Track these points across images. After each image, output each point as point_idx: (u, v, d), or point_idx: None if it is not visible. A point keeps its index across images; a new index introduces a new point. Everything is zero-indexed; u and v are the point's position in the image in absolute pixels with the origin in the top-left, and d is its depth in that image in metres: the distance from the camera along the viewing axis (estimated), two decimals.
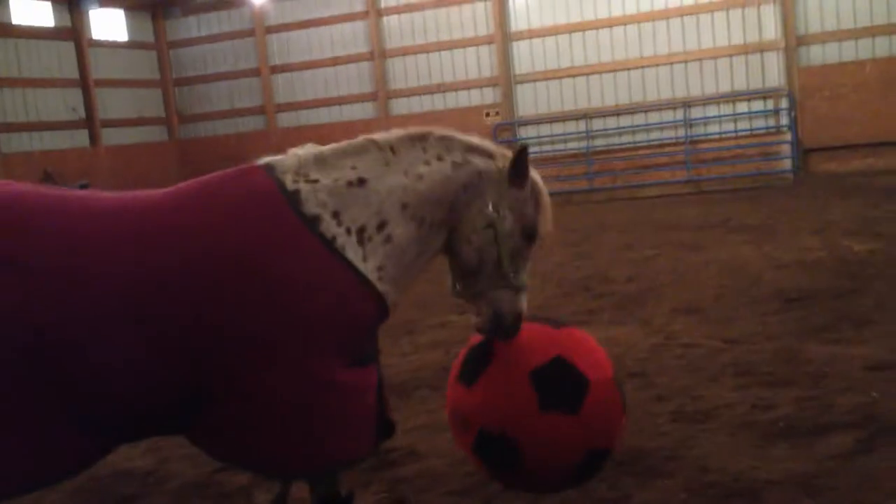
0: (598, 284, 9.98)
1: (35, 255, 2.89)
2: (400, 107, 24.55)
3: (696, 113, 21.82)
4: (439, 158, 3.46)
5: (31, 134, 22.08)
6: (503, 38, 23.14)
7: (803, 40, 20.82)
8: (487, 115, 23.47)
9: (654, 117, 22.14)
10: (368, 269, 3.21)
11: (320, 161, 3.32)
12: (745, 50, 21.28)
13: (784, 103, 21.02)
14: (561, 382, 3.56)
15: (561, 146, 23.05)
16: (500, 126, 23.22)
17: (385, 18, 24.43)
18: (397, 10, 24.21)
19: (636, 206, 19.10)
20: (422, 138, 3.49)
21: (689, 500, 4.28)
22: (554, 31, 22.78)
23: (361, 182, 3.30)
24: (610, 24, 22.22)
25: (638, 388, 5.98)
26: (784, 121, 21.18)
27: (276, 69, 25.79)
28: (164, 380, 2.99)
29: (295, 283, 3.04)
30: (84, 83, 23.61)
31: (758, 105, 21.44)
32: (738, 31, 21.32)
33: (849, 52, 20.57)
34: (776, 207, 15.58)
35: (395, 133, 3.53)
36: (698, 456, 4.77)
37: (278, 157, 3.34)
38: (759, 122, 21.56)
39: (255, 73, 25.98)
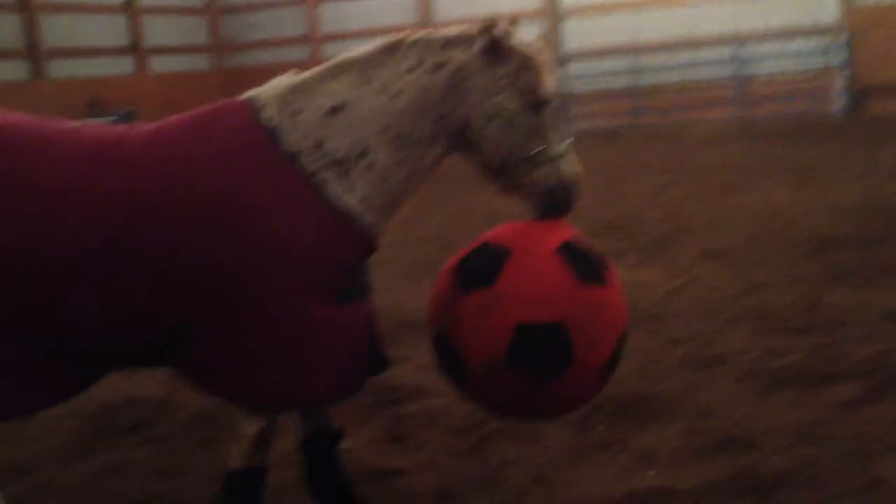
0: (628, 225, 9.86)
1: (14, 182, 2.91)
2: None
3: (748, 50, 21.23)
4: (416, 66, 3.28)
5: (76, 60, 22.26)
6: None
7: None
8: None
9: (704, 54, 21.60)
10: (352, 201, 3.15)
11: (302, 88, 3.22)
12: None
13: (840, 41, 20.36)
14: (544, 350, 3.18)
15: (609, 81, 22.62)
16: None
17: None
18: None
19: (682, 144, 18.74)
20: (395, 48, 3.30)
21: (686, 444, 4.26)
22: None
23: (342, 107, 3.20)
24: None
25: (651, 331, 5.93)
26: (839, 59, 20.54)
27: None
28: (143, 313, 3.02)
29: (272, 221, 3.03)
30: (131, 10, 23.66)
31: (812, 42, 20.79)
32: None
33: None
34: (823, 149, 15.19)
35: (372, 46, 3.34)
36: (702, 401, 4.74)
37: (262, 89, 3.25)
38: (813, 61, 20.93)
39: (301, 1, 25.83)
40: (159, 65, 24.64)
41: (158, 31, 24.66)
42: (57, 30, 21.69)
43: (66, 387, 3.14)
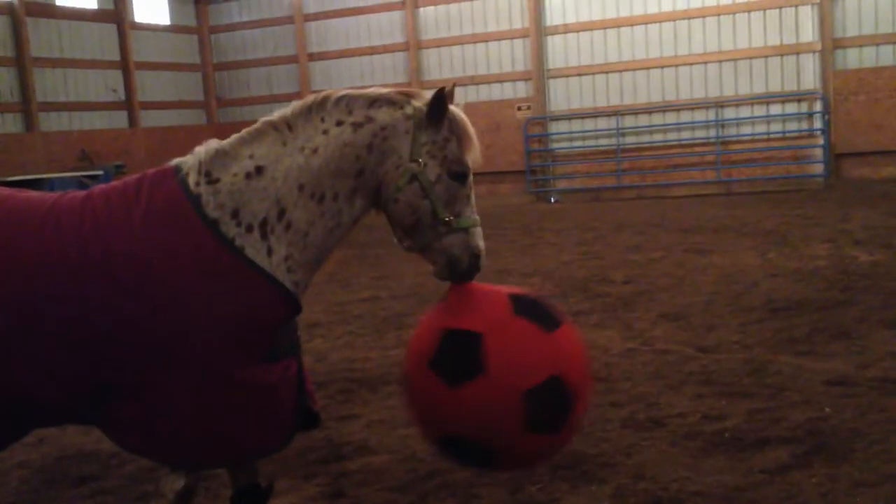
0: (595, 285, 10.04)
1: None
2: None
3: (729, 114, 21.66)
4: (338, 123, 3.37)
5: (70, 113, 22.61)
6: (538, 32, 23.16)
7: (840, 43, 20.55)
8: (519, 108, 23.51)
9: (685, 116, 22.02)
10: (274, 262, 3.26)
11: (221, 155, 3.33)
12: (781, 51, 21.08)
13: (818, 106, 20.79)
14: (552, 402, 3.31)
15: (592, 142, 23.02)
16: (531, 120, 23.25)
17: (421, 9, 24.58)
18: (434, 2, 24.37)
19: (662, 205, 19.04)
20: (320, 105, 3.40)
21: None
22: (589, 27, 22.75)
23: (259, 171, 3.29)
24: (645, 21, 22.14)
25: (598, 393, 6.03)
26: (817, 124, 20.94)
27: (313, 56, 26.10)
28: (67, 377, 3.14)
29: (196, 286, 3.14)
30: (125, 65, 24.10)
31: (791, 107, 21.23)
32: (774, 31, 21.11)
33: (886, 56, 20.27)
34: (797, 213, 15.47)
35: (294, 106, 3.44)
36: (635, 464, 4.86)
37: (185, 158, 3.38)
38: (792, 125, 21.34)
39: (294, 59, 26.32)
40: (153, 119, 25.00)
41: (153, 85, 25.07)
42: (50, 84, 22.05)
43: None
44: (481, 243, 3.50)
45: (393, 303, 9.81)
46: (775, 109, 21.29)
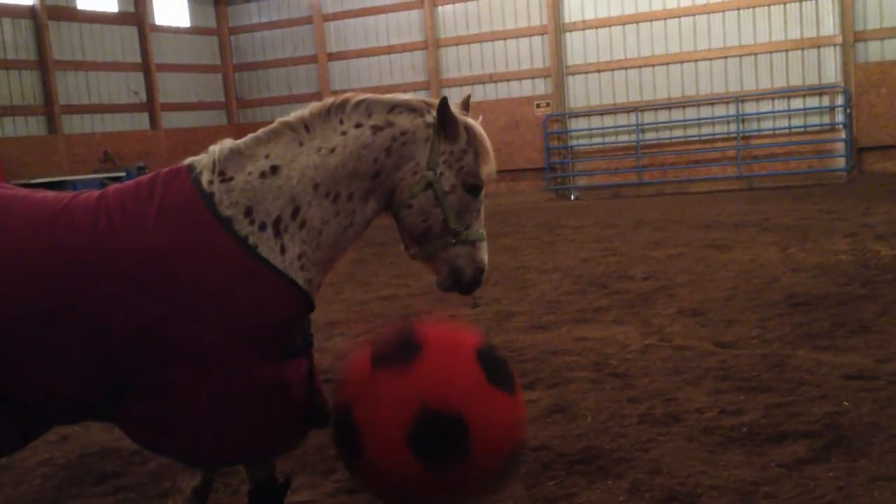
0: (615, 281, 10.03)
1: None
2: (452, 95, 24.57)
3: (750, 108, 21.54)
4: (357, 126, 3.40)
5: (92, 116, 22.84)
6: (556, 28, 23.13)
7: (861, 36, 20.42)
8: (538, 106, 23.50)
9: (706, 112, 21.92)
10: (287, 260, 3.29)
11: (235, 154, 3.36)
12: (802, 45, 20.95)
13: (840, 100, 20.65)
14: (444, 435, 3.17)
15: (611, 139, 22.97)
16: (550, 117, 23.23)
17: (440, 7, 24.62)
18: (452, 0, 24.34)
19: (683, 201, 18.98)
20: (339, 108, 3.43)
21: (630, 501, 4.39)
22: (607, 23, 22.70)
23: (274, 170, 3.33)
24: (665, 16, 22.06)
25: (615, 388, 6.09)
26: (839, 118, 20.80)
27: (332, 56, 26.19)
28: (84, 373, 3.18)
29: (209, 284, 3.18)
30: (146, 67, 24.31)
31: (812, 101, 21.08)
32: (794, 25, 20.98)
33: None
34: (819, 207, 15.38)
35: (312, 107, 3.48)
36: (652, 459, 4.86)
37: (199, 157, 3.42)
38: (814, 119, 21.20)
39: (313, 59, 26.43)
40: (174, 120, 25.19)
41: (174, 87, 25.27)
42: (72, 87, 22.27)
43: (7, 443, 3.31)
44: (486, 258, 3.57)
45: (412, 301, 9.84)
46: (796, 104, 21.16)
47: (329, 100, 3.49)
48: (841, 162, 20.65)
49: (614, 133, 22.92)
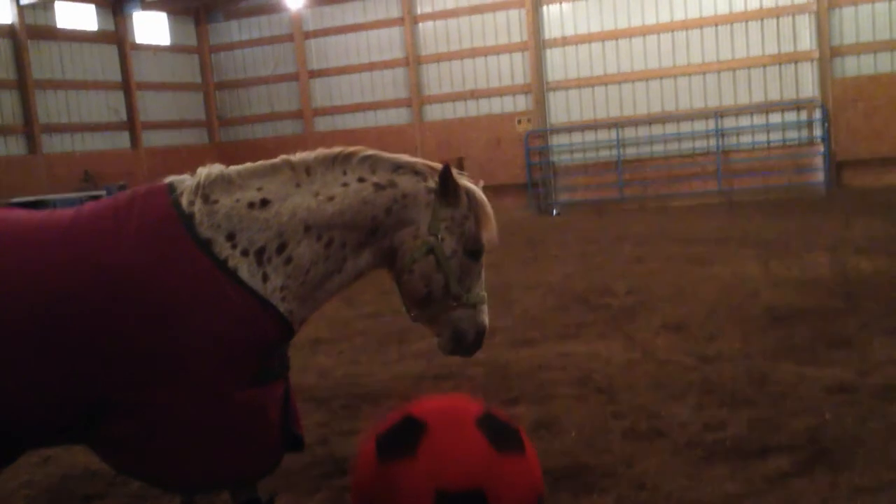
0: (597, 297, 10.07)
1: None
2: (433, 112, 24.82)
3: (729, 123, 21.73)
4: (360, 180, 3.42)
5: (72, 135, 22.75)
6: (537, 45, 23.29)
7: (838, 51, 20.66)
8: (519, 122, 23.60)
9: (685, 127, 22.09)
10: (269, 289, 3.27)
11: (226, 181, 3.36)
12: (779, 60, 21.18)
13: (817, 115, 20.86)
14: None
15: (592, 154, 23.09)
16: (531, 133, 23.33)
17: (420, 24, 24.73)
18: (432, 17, 24.50)
19: (664, 216, 19.08)
20: (345, 159, 3.46)
21: None
22: (587, 39, 22.88)
23: (264, 203, 3.32)
24: (643, 32, 22.27)
25: (600, 403, 6.10)
26: (817, 133, 21.00)
27: (313, 74, 26.22)
28: (60, 397, 3.14)
29: (185, 305, 3.15)
30: (126, 86, 24.27)
31: (791, 116, 21.30)
32: (772, 40, 21.23)
33: (884, 63, 20.36)
34: (798, 222, 15.51)
35: (318, 153, 3.50)
36: (637, 473, 4.87)
37: (181, 177, 3.41)
38: (792, 134, 21.41)
39: (294, 77, 26.45)
40: (155, 139, 25.11)
41: (154, 106, 25.21)
42: (52, 106, 22.18)
43: None
44: (487, 320, 3.61)
45: (396, 318, 9.80)
46: (775, 118, 21.37)
47: (336, 149, 3.51)
48: (820, 176, 20.84)
49: (595, 149, 23.06)
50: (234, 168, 3.46)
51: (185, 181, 3.39)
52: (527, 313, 9.41)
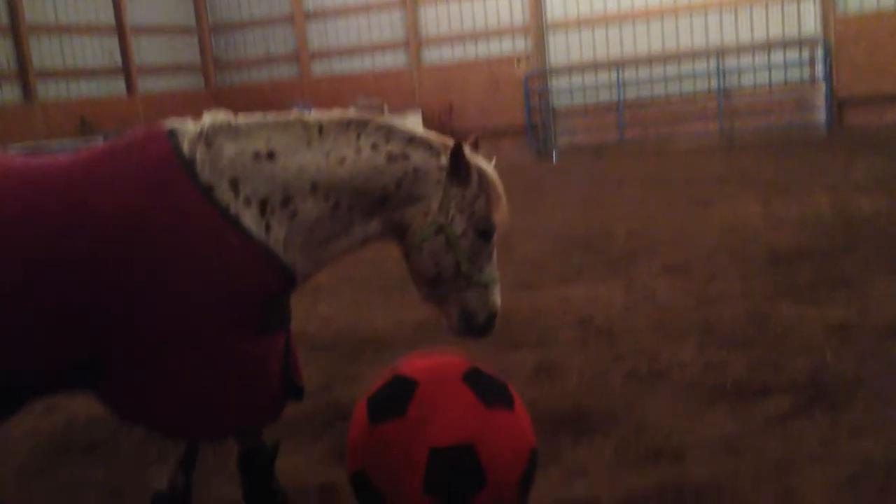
0: (597, 241, 10.05)
1: None
2: (431, 55, 24.52)
3: (730, 63, 21.47)
4: (374, 147, 3.36)
5: (67, 81, 22.50)
6: None
7: None
8: (518, 63, 23.34)
9: (686, 67, 21.84)
10: (271, 239, 3.23)
11: (232, 129, 3.30)
12: None
13: (820, 53, 20.61)
14: (457, 471, 3.25)
15: (592, 97, 22.87)
16: (530, 75, 23.09)
17: None
18: None
19: (664, 158, 18.97)
20: (361, 124, 3.39)
21: (617, 458, 4.43)
22: None
23: (271, 156, 3.27)
24: None
25: (600, 347, 6.12)
26: (819, 71, 20.78)
27: (309, 16, 25.85)
28: (60, 347, 3.12)
29: (185, 251, 3.11)
30: (120, 30, 23.91)
31: (793, 55, 21.05)
32: None
33: (887, 0, 20.02)
34: (799, 161, 15.43)
35: (333, 115, 3.44)
36: (638, 416, 4.90)
37: (183, 123, 3.34)
38: (794, 73, 21.19)
39: (290, 19, 26.08)
40: (151, 84, 24.86)
41: (149, 50, 24.90)
42: (45, 52, 21.92)
43: None
44: (498, 301, 3.53)
45: (397, 266, 9.76)
46: (777, 57, 21.12)
47: (353, 114, 3.45)
48: (821, 115, 20.67)
49: (595, 90, 22.82)
50: (242, 118, 3.38)
51: (187, 126, 3.32)
52: (527, 258, 9.39)
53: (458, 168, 3.38)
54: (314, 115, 3.44)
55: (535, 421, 4.79)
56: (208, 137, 3.27)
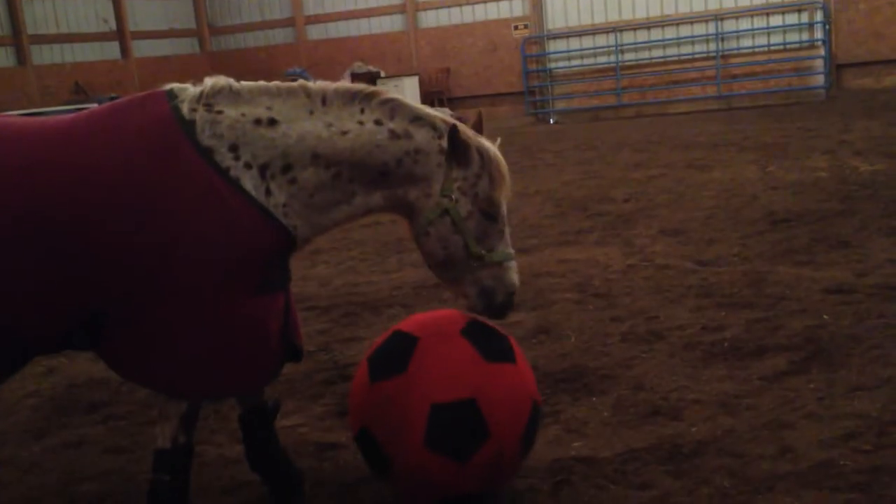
0: (595, 204, 10.05)
1: None
2: (428, 19, 24.35)
3: (729, 26, 21.35)
4: (377, 122, 3.30)
5: (62, 46, 22.35)
6: None
7: None
8: (516, 28, 23.19)
9: (685, 31, 21.72)
10: (271, 203, 3.21)
11: (233, 94, 3.24)
12: None
13: (819, 16, 20.48)
14: (460, 425, 3.29)
15: (590, 61, 22.76)
16: (528, 40, 22.95)
17: None
18: None
19: (662, 122, 18.93)
20: (366, 98, 3.33)
21: (614, 416, 4.45)
22: None
23: (272, 122, 3.23)
24: None
25: (598, 308, 6.14)
26: (818, 35, 20.67)
27: None
28: (61, 302, 3.11)
29: (183, 211, 3.09)
30: None
31: (792, 18, 20.92)
32: None
33: None
34: (798, 125, 15.40)
35: (338, 85, 3.37)
36: (635, 375, 4.93)
37: (183, 85, 3.29)
38: (793, 36, 21.08)
39: None
40: (146, 49, 24.70)
41: (144, 14, 24.72)
42: (40, 16, 21.75)
43: None
44: (516, 278, 3.46)
45: (394, 227, 9.80)
46: (776, 21, 21.00)
47: (358, 86, 3.38)
48: (820, 79, 20.61)
49: (593, 55, 22.71)
50: (244, 83, 3.32)
51: (187, 89, 3.27)
52: (525, 221, 9.40)
53: (457, 149, 3.32)
54: (318, 84, 3.38)
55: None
56: (208, 101, 3.23)
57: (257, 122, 3.24)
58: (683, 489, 3.64)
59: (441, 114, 3.47)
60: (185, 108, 3.19)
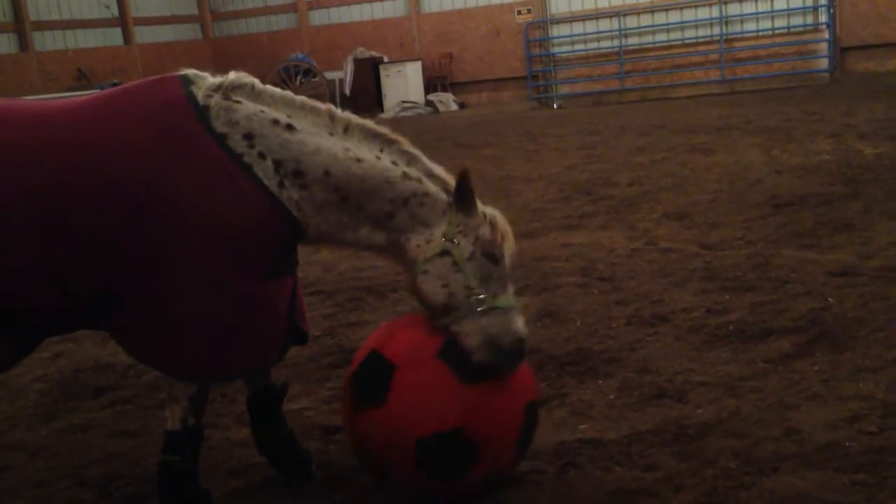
0: (599, 188, 10.05)
1: None
2: (431, 4, 24.27)
3: (733, 10, 21.27)
4: (393, 163, 3.31)
5: (64, 32, 22.31)
6: None
7: None
8: (519, 12, 23.12)
9: (689, 14, 21.64)
10: (284, 196, 3.21)
11: (255, 93, 3.27)
12: None
13: None
14: (448, 453, 3.27)
15: (594, 45, 22.69)
16: (531, 24, 22.87)
17: None
18: None
19: (666, 106, 18.88)
20: (387, 141, 3.34)
21: (619, 398, 4.47)
22: None
23: (289, 127, 3.23)
24: None
25: (603, 292, 6.15)
26: (822, 18, 20.58)
27: None
28: (72, 282, 3.13)
29: (196, 191, 3.10)
30: None
31: (795, 1, 20.85)
32: None
33: None
34: (802, 109, 15.36)
35: (364, 121, 3.37)
36: (640, 358, 4.94)
37: (202, 74, 3.32)
38: (797, 20, 20.99)
39: None
40: (148, 35, 24.65)
41: (146, 1, 24.65)
42: (42, 2, 21.70)
43: (7, 356, 3.29)
44: (523, 328, 3.31)
45: None
46: (779, 4, 20.91)
47: (383, 129, 3.38)
48: (824, 63, 20.53)
49: (596, 39, 22.64)
50: (269, 87, 3.33)
51: (205, 78, 3.29)
52: (528, 205, 9.40)
53: (463, 195, 3.29)
54: (345, 113, 3.37)
55: (539, 364, 4.91)
56: (227, 91, 3.24)
57: (275, 122, 3.24)
58: (689, 470, 3.65)
59: (452, 179, 3.39)
60: (199, 94, 3.20)
